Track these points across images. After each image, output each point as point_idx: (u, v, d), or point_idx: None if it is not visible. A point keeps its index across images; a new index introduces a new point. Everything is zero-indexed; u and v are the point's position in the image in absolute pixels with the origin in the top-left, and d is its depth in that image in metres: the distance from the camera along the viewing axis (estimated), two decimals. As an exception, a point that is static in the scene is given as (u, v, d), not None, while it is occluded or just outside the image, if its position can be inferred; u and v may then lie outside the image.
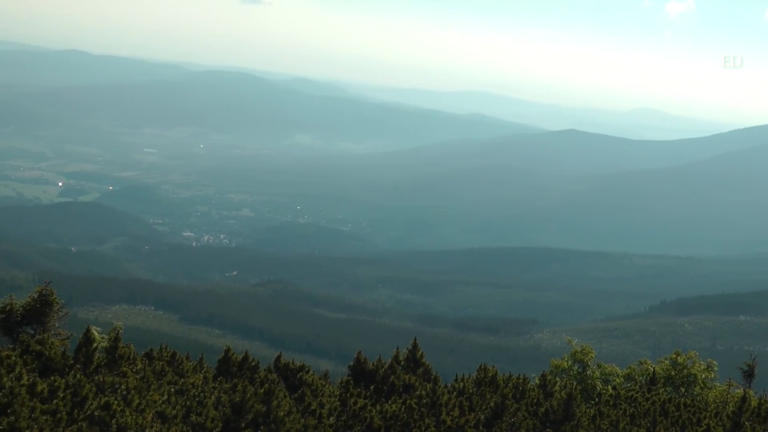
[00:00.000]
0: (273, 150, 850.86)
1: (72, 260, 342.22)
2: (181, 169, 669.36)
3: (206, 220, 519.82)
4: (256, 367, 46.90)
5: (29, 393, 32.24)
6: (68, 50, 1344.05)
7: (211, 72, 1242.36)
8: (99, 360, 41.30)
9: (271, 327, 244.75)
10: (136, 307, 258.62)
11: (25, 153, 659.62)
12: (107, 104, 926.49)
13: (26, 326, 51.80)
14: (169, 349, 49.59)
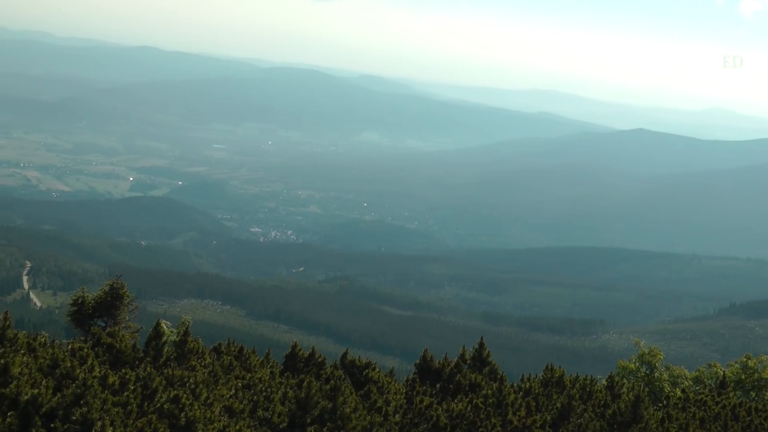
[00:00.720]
0: (341, 147, 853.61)
1: (142, 254, 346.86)
2: (249, 165, 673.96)
3: (274, 216, 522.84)
4: (322, 363, 47.08)
5: (101, 385, 32.72)
6: (141, 46, 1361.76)
7: (280, 69, 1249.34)
8: (168, 353, 41.81)
9: (337, 323, 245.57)
10: (204, 302, 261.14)
11: (97, 148, 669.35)
12: (177, 100, 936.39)
13: (97, 319, 52.60)
14: (236, 343, 49.95)
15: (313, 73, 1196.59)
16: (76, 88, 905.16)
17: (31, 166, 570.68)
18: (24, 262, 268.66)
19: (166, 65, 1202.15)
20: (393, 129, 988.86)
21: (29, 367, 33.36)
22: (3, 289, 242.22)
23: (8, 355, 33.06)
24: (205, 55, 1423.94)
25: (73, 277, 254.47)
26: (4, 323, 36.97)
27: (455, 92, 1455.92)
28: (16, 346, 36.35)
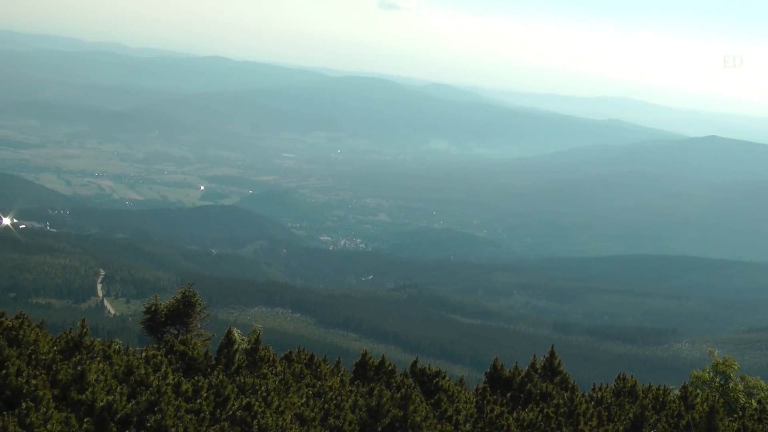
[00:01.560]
0: (409, 155, 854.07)
1: (213, 263, 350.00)
2: (318, 173, 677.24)
3: (343, 224, 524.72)
4: (392, 371, 47.13)
5: (174, 392, 33.13)
6: (211, 57, 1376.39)
7: (349, 78, 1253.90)
8: (240, 361, 42.16)
9: (406, 331, 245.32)
10: (274, 310, 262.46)
11: (169, 157, 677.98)
12: (247, 109, 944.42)
13: (170, 326, 53.28)
14: (306, 351, 50.21)
15: (381, 82, 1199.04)
16: (149, 98, 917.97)
17: (104, 175, 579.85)
18: (98, 271, 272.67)
19: (236, 75, 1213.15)
20: (461, 137, 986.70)
21: (105, 373, 33.88)
22: (78, 297, 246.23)
23: (85, 362, 33.61)
24: (274, 64, 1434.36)
25: (145, 285, 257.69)
26: (81, 331, 37.62)
27: (523, 99, 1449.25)
28: (92, 353, 36.95)
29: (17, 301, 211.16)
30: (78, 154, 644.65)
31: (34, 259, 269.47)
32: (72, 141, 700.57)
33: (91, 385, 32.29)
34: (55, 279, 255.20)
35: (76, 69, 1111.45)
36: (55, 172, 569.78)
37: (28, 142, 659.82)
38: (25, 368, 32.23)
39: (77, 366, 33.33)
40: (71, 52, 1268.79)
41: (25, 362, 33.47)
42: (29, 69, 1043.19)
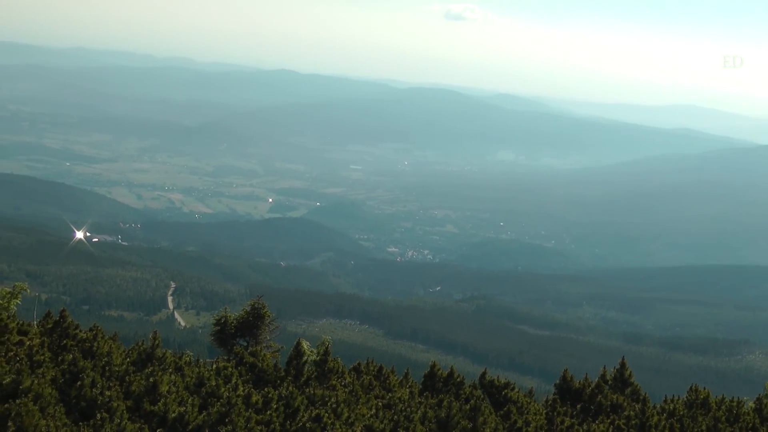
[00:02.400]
0: (476, 166, 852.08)
1: (281, 274, 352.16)
2: (385, 185, 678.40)
3: (410, 235, 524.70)
4: (461, 383, 47.07)
5: (245, 403, 33.48)
6: (279, 70, 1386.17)
7: (415, 89, 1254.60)
8: (309, 373, 42.43)
9: (474, 342, 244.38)
10: (342, 321, 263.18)
11: (238, 170, 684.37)
12: (315, 122, 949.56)
13: (239, 338, 53.76)
14: (375, 363, 50.31)
15: (448, 93, 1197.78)
16: (218, 112, 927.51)
17: (175, 188, 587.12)
18: (169, 283, 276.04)
19: (303, 88, 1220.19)
20: (528, 147, 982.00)
21: (176, 385, 34.33)
22: (149, 309, 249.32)
23: (157, 373, 34.09)
24: (341, 77, 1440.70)
25: (215, 298, 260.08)
26: (153, 343, 38.18)
27: (591, 109, 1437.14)
28: (164, 365, 37.48)
29: (90, 314, 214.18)
30: (149, 168, 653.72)
31: (106, 272, 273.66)
32: (143, 155, 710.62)
33: (163, 396, 32.74)
34: (126, 292, 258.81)
35: (147, 84, 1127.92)
36: (127, 186, 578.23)
37: (100, 157, 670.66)
38: (100, 380, 32.79)
39: (150, 377, 33.82)
40: (143, 68, 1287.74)
41: (99, 374, 34.05)
42: (102, 85, 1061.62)
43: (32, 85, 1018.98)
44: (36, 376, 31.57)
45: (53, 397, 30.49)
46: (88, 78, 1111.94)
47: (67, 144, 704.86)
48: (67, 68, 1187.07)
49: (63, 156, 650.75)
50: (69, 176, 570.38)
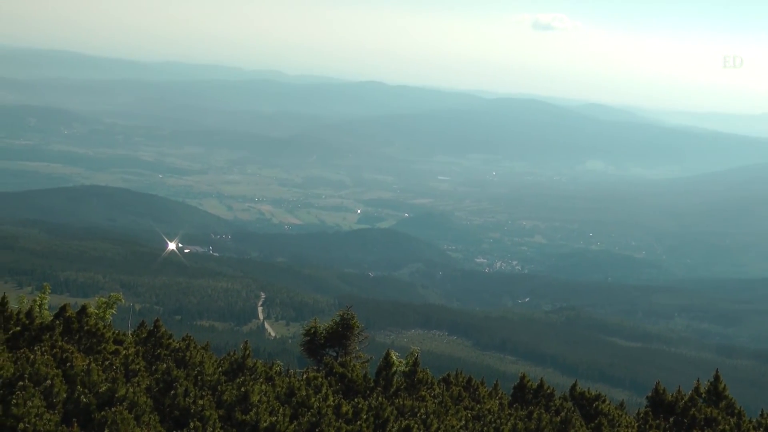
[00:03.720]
0: (565, 176, 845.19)
1: (370, 285, 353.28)
2: (473, 195, 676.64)
3: (498, 246, 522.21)
4: (551, 394, 46.72)
5: (335, 414, 33.68)
6: (367, 81, 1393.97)
7: (504, 99, 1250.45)
8: (398, 383, 42.50)
9: (564, 354, 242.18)
10: (431, 332, 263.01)
11: (326, 181, 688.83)
12: (403, 133, 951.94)
13: (329, 348, 54.13)
14: (464, 374, 50.20)
15: (536, 103, 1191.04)
16: (307, 123, 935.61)
17: (264, 200, 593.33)
18: (259, 294, 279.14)
19: (391, 99, 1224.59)
20: (618, 157, 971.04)
21: (267, 395, 34.69)
22: (240, 320, 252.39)
23: (248, 383, 34.50)
24: (429, 88, 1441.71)
25: (304, 308, 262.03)
26: (244, 353, 38.66)
27: (682, 118, 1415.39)
28: (255, 374, 37.90)
29: (182, 324, 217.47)
30: (239, 180, 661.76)
31: (198, 283, 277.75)
32: (233, 167, 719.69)
33: (254, 406, 33.12)
34: (217, 302, 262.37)
35: (237, 97, 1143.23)
36: (218, 197, 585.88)
37: (191, 169, 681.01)
38: (192, 389, 33.30)
39: (241, 387, 34.24)
40: (233, 81, 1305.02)
41: (192, 383, 34.58)
42: (194, 98, 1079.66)
43: (127, 100, 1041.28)
44: (131, 384, 32.19)
45: (148, 405, 31.05)
46: (181, 92, 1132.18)
47: (160, 156, 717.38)
48: (160, 82, 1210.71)
49: (156, 168, 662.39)
50: (162, 188, 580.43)
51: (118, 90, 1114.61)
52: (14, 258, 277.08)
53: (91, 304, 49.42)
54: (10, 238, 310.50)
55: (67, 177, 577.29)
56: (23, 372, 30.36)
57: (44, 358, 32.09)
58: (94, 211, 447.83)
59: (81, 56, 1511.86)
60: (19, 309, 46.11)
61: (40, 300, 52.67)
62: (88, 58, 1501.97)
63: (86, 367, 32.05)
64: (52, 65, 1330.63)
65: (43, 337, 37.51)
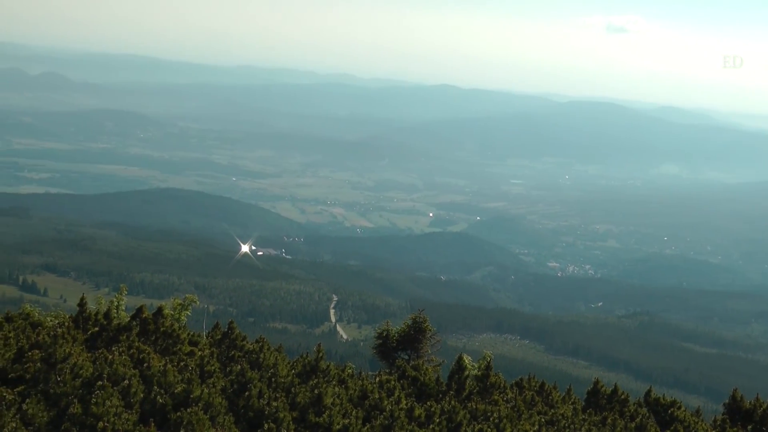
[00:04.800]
0: (638, 180, 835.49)
1: (441, 288, 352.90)
2: (546, 199, 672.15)
3: (571, 250, 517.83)
4: (625, 400, 46.26)
5: (408, 417, 33.73)
6: (439, 85, 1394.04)
7: (577, 102, 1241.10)
8: (471, 387, 42.40)
9: (638, 360, 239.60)
10: (503, 336, 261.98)
11: (398, 185, 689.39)
12: (475, 136, 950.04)
13: (401, 351, 54.12)
14: (537, 378, 49.93)
15: (610, 106, 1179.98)
16: (379, 127, 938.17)
17: (337, 203, 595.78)
18: (331, 296, 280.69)
19: (464, 102, 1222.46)
20: (693, 161, 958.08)
21: (340, 397, 34.86)
22: (312, 322, 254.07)
23: (321, 385, 34.71)
24: (501, 91, 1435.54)
25: (376, 311, 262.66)
26: (318, 355, 38.88)
27: (760, 121, 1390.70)
28: (328, 377, 38.11)
29: (255, 326, 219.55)
30: (312, 183, 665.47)
31: (271, 285, 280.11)
32: (306, 170, 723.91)
33: (327, 408, 33.30)
34: (290, 304, 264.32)
35: (310, 100, 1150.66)
36: (290, 200, 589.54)
37: (265, 172, 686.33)
38: (266, 390, 33.58)
39: (314, 389, 34.46)
40: (306, 85, 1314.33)
41: (266, 384, 34.86)
42: (267, 102, 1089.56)
43: (201, 103, 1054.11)
44: (206, 385, 32.56)
45: (222, 406, 31.39)
46: (255, 95, 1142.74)
47: (233, 160, 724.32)
48: (234, 86, 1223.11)
49: (230, 171, 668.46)
50: (235, 191, 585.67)
51: (193, 94, 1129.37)
52: (92, 260, 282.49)
53: (167, 305, 50.09)
54: (88, 240, 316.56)
55: (143, 180, 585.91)
56: (102, 372, 30.89)
57: (122, 359, 32.60)
58: (169, 214, 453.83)
59: (157, 61, 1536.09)
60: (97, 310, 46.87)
61: (117, 301, 53.54)
62: (164, 62, 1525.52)
63: (163, 368, 32.50)
64: (129, 70, 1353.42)
65: (121, 337, 38.11)
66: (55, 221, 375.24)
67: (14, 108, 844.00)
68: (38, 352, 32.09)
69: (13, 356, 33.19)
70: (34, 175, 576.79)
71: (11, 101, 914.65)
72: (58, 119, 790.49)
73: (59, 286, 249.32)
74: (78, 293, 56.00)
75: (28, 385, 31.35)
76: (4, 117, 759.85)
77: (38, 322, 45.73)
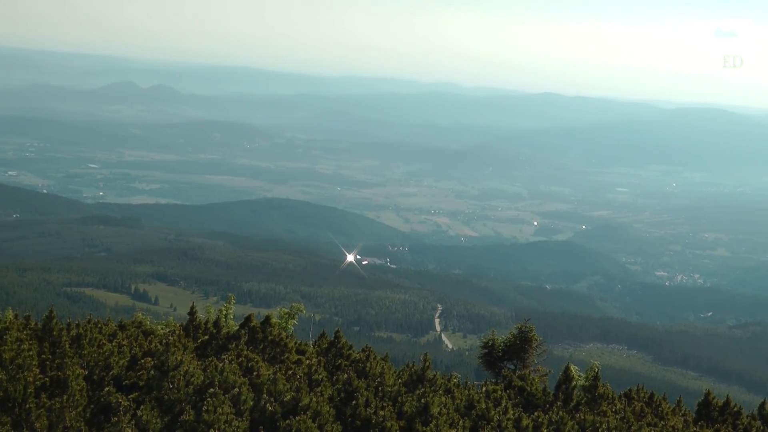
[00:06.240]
0: (749, 187, 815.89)
1: (547, 298, 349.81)
2: (652, 207, 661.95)
3: (679, 259, 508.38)
4: (738, 412, 45.28)
5: (515, 427, 33.59)
6: (543, 93, 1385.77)
7: (683, 109, 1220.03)
8: (579, 398, 41.99)
9: (750, 371, 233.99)
10: (609, 346, 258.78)
11: (502, 193, 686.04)
12: (579, 144, 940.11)
13: (507, 361, 53.90)
14: (645, 389, 49.20)
15: (718, 113, 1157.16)
16: (482, 136, 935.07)
17: (441, 212, 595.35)
18: (436, 305, 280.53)
19: (567, 111, 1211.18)
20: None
21: (447, 407, 34.85)
22: (417, 331, 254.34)
23: (428, 395, 34.75)
24: (606, 99, 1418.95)
25: (481, 321, 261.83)
26: (424, 364, 38.95)
27: None
28: (434, 386, 38.14)
29: (361, 335, 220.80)
30: (416, 192, 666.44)
31: (376, 294, 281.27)
32: (410, 179, 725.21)
33: (434, 417, 33.33)
34: (395, 313, 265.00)
35: (413, 110, 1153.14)
36: (395, 209, 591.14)
37: (369, 182, 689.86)
38: (373, 399, 33.76)
39: (421, 398, 34.51)
40: (409, 94, 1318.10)
41: (373, 393, 35.05)
42: (371, 111, 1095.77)
43: (306, 114, 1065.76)
44: (314, 394, 32.89)
45: (330, 414, 31.67)
46: (359, 105, 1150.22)
47: (338, 169, 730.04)
48: (339, 96, 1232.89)
49: (334, 181, 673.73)
50: (340, 201, 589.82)
51: (298, 104, 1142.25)
52: (201, 269, 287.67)
53: (274, 314, 50.70)
54: (197, 250, 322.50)
55: (250, 190, 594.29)
56: (212, 379, 31.44)
57: (231, 367, 33.13)
58: (276, 223, 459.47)
59: (263, 72, 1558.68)
60: (206, 318, 47.75)
61: (225, 310, 54.47)
62: (270, 74, 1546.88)
63: (272, 377, 32.93)
64: (237, 82, 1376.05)
65: (230, 346, 38.72)
66: (165, 231, 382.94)
67: (126, 120, 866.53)
68: (151, 360, 32.82)
69: (126, 363, 33.98)
70: (145, 185, 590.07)
71: (123, 114, 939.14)
72: (167, 131, 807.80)
73: (169, 294, 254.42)
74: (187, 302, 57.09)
75: (141, 391, 32.07)
76: (116, 129, 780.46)
77: (150, 331, 46.80)
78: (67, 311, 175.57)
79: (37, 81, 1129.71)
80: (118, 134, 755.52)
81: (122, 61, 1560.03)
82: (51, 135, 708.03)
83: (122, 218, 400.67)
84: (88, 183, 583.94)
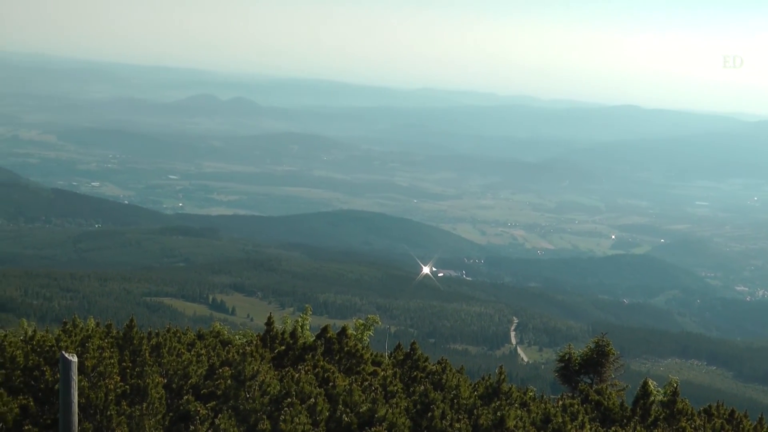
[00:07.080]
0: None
1: (624, 312, 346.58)
2: (733, 221, 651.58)
3: (761, 274, 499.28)
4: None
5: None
6: (622, 105, 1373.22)
7: (765, 122, 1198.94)
8: (657, 413, 41.52)
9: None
10: (688, 362, 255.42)
11: (579, 206, 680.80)
12: (658, 157, 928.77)
13: (583, 375, 53.47)
14: (726, 406, 48.46)
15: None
16: (560, 148, 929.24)
17: (517, 225, 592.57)
18: (511, 318, 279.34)
19: (647, 123, 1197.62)
20: None
21: (523, 420, 34.72)
22: (492, 344, 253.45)
23: (504, 408, 34.66)
24: (686, 111, 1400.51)
25: (557, 334, 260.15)
26: (500, 377, 38.82)
27: None
28: (510, 399, 38.00)
29: (436, 347, 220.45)
30: (492, 205, 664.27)
31: (451, 307, 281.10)
32: (486, 192, 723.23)
33: (510, 430, 33.23)
34: (471, 326, 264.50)
35: (490, 122, 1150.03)
36: (471, 222, 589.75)
37: (445, 194, 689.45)
38: (449, 411, 33.75)
39: (497, 412, 34.41)
40: (486, 107, 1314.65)
41: (449, 406, 35.04)
42: (447, 124, 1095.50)
43: (383, 126, 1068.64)
44: (390, 405, 32.99)
45: (406, 426, 31.75)
46: (435, 118, 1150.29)
47: (414, 182, 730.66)
48: (415, 109, 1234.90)
49: (411, 193, 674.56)
50: (416, 213, 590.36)
51: (375, 116, 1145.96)
52: (278, 279, 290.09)
53: (350, 325, 50.94)
54: (274, 261, 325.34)
55: (327, 202, 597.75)
56: (289, 390, 31.72)
57: (308, 377, 33.38)
58: (352, 235, 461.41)
59: (341, 85, 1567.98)
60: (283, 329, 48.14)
61: (302, 321, 54.88)
62: (347, 86, 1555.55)
63: (348, 387, 33.12)
64: (314, 94, 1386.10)
65: (306, 356, 38.99)
66: (243, 242, 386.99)
67: (206, 132, 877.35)
68: (228, 369, 33.18)
69: (204, 372, 34.41)
70: (223, 197, 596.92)
71: (203, 126, 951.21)
72: (246, 143, 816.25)
73: (246, 305, 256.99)
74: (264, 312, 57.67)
75: (219, 400, 32.44)
76: (196, 141, 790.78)
77: (228, 340, 47.28)
78: (146, 320, 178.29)
79: (120, 94, 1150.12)
80: (197, 146, 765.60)
81: (203, 74, 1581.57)
82: (133, 147, 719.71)
83: (201, 229, 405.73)
84: (168, 194, 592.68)
